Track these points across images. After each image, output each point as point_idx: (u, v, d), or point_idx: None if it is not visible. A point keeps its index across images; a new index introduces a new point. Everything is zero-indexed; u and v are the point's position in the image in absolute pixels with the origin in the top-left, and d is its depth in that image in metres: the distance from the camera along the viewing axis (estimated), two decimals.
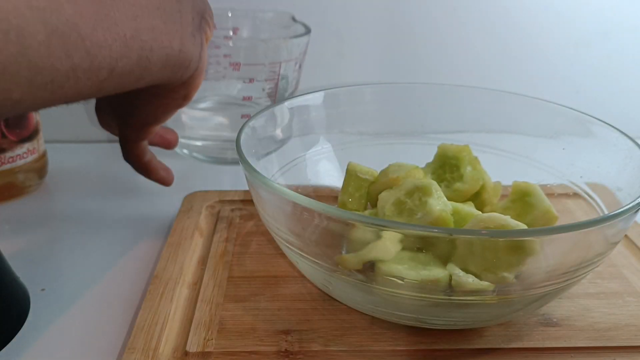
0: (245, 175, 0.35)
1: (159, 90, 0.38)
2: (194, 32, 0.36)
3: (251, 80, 0.50)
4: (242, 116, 0.47)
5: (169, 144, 0.49)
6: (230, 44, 0.50)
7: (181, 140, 0.55)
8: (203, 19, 0.38)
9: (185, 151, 0.57)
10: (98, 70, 0.28)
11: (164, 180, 0.48)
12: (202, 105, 0.55)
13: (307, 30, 0.53)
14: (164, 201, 0.53)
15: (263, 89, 0.47)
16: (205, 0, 0.39)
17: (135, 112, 0.41)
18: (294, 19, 0.56)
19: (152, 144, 0.48)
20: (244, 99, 0.47)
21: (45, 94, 0.27)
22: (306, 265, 0.34)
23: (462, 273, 0.31)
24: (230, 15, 0.56)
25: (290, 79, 0.50)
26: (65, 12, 0.26)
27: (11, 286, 0.38)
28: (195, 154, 0.56)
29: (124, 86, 0.32)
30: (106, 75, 0.29)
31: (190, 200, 0.49)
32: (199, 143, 0.55)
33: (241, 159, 0.35)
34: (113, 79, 0.30)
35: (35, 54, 0.25)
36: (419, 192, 0.35)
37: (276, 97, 0.48)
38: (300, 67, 0.51)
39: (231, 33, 0.57)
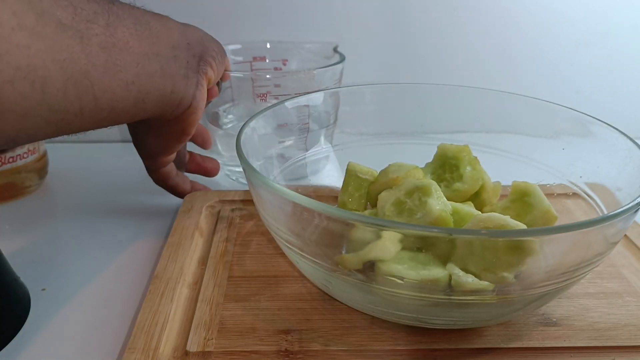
0: (246, 175, 0.35)
1: (155, 124, 0.41)
2: (187, 74, 0.39)
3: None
4: (279, 142, 0.49)
5: (207, 172, 0.53)
6: (268, 76, 0.53)
7: (226, 166, 0.58)
8: (202, 60, 0.41)
9: (233, 178, 0.59)
10: (100, 111, 0.32)
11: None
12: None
13: (341, 60, 0.55)
14: (164, 201, 0.53)
15: (297, 116, 0.49)
16: (206, 43, 0.42)
17: (142, 144, 0.45)
18: (335, 50, 0.58)
19: (190, 171, 0.52)
20: (279, 126, 0.49)
21: (54, 130, 0.30)
22: (306, 265, 0.34)
23: (461, 273, 0.31)
24: (269, 46, 0.61)
25: (326, 108, 0.51)
26: (80, 61, 0.29)
27: (11, 286, 0.38)
28: (240, 179, 0.58)
29: (119, 122, 0.36)
30: (106, 114, 0.33)
31: (191, 200, 0.49)
32: (238, 169, 0.57)
33: (241, 159, 0.35)
34: (111, 117, 0.34)
35: (53, 99, 0.28)
36: (419, 192, 0.35)
37: (309, 123, 0.50)
38: (334, 96, 0.52)
39: (264, 62, 0.62)
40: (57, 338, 0.36)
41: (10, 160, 0.51)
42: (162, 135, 0.43)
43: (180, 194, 0.50)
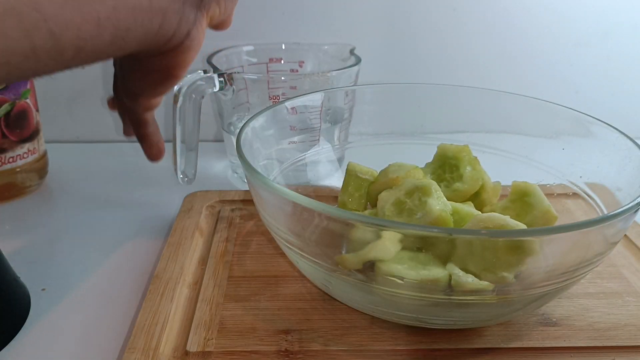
0: (246, 176, 0.35)
1: (140, 59, 0.36)
2: (184, 8, 0.33)
3: (293, 109, 0.52)
4: (289, 142, 0.49)
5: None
6: (283, 78, 0.52)
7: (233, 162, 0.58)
8: None
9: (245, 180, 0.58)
10: (63, 51, 0.27)
11: (151, 156, 0.45)
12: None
13: (357, 62, 0.55)
14: (164, 201, 0.53)
15: (309, 119, 0.49)
16: None
17: (125, 80, 0.39)
18: (351, 52, 0.57)
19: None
20: (291, 128, 0.50)
21: (4, 73, 0.25)
22: (306, 265, 0.34)
23: (461, 273, 0.32)
24: (284, 48, 0.61)
25: (340, 108, 0.51)
26: None
27: (11, 286, 0.38)
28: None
29: (94, 62, 0.30)
30: (72, 55, 0.27)
31: (191, 200, 0.49)
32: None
33: (241, 159, 0.35)
34: (81, 57, 0.28)
35: None
36: (419, 192, 0.35)
37: (321, 125, 0.50)
38: (350, 96, 0.52)
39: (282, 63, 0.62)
40: (57, 338, 0.36)
41: (10, 160, 0.51)
42: (147, 74, 0.37)
43: (149, 145, 0.44)
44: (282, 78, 0.52)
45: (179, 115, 0.49)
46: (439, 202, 0.35)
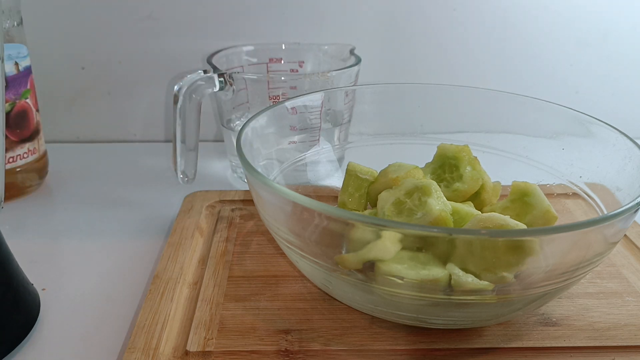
0: (246, 176, 0.35)
1: None
2: None
3: (293, 109, 0.52)
4: (289, 142, 0.49)
5: None
6: (283, 78, 0.52)
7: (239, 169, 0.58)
8: None
9: (244, 180, 0.58)
10: None
11: None
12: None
13: (357, 62, 0.55)
14: (164, 201, 0.53)
15: (309, 119, 0.50)
16: None
17: None
18: (351, 52, 0.57)
19: None
20: (291, 128, 0.49)
21: None
22: (306, 265, 0.34)
23: (461, 273, 0.32)
24: (284, 48, 0.60)
25: (340, 108, 0.51)
26: None
27: (20, 290, 0.38)
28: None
29: None
30: None
31: (191, 200, 0.49)
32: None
33: (241, 159, 0.35)
34: None
35: None
36: (419, 192, 0.35)
37: (321, 125, 0.50)
38: (350, 96, 0.52)
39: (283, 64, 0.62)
40: (57, 338, 0.36)
41: (11, 160, 0.51)
42: None
43: None
44: (282, 78, 0.52)
45: (179, 115, 0.49)
46: (439, 202, 0.35)
